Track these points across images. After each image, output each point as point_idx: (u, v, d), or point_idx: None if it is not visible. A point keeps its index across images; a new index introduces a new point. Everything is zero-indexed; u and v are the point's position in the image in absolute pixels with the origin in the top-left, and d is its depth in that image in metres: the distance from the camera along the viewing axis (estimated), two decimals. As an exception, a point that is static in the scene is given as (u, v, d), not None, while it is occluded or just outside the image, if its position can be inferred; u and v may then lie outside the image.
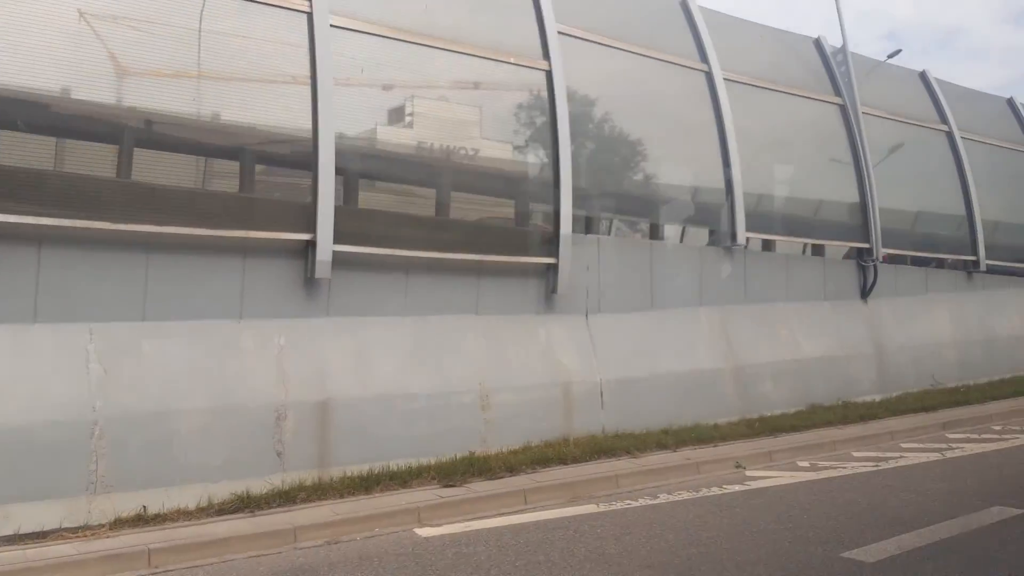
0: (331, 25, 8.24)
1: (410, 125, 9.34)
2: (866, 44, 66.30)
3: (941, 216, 14.86)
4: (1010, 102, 17.23)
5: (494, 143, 9.96)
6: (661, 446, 9.66)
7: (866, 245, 12.93)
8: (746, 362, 11.22)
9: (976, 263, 14.51)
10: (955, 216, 14.73)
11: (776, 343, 11.65)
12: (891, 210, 14.12)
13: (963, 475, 8.84)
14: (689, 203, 11.46)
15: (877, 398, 12.40)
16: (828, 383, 12.01)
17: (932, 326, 13.72)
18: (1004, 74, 59.42)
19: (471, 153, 9.68)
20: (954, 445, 10.53)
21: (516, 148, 10.05)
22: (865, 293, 12.92)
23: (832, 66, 13.45)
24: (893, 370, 12.92)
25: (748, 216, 11.47)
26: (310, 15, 8.11)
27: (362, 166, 8.85)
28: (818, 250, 13.18)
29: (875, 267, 12.93)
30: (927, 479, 8.70)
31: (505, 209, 10.41)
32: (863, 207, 12.94)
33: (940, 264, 14.72)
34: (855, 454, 10.13)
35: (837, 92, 13.33)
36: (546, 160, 9.84)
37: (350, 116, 8.41)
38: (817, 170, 12.94)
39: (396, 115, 9.23)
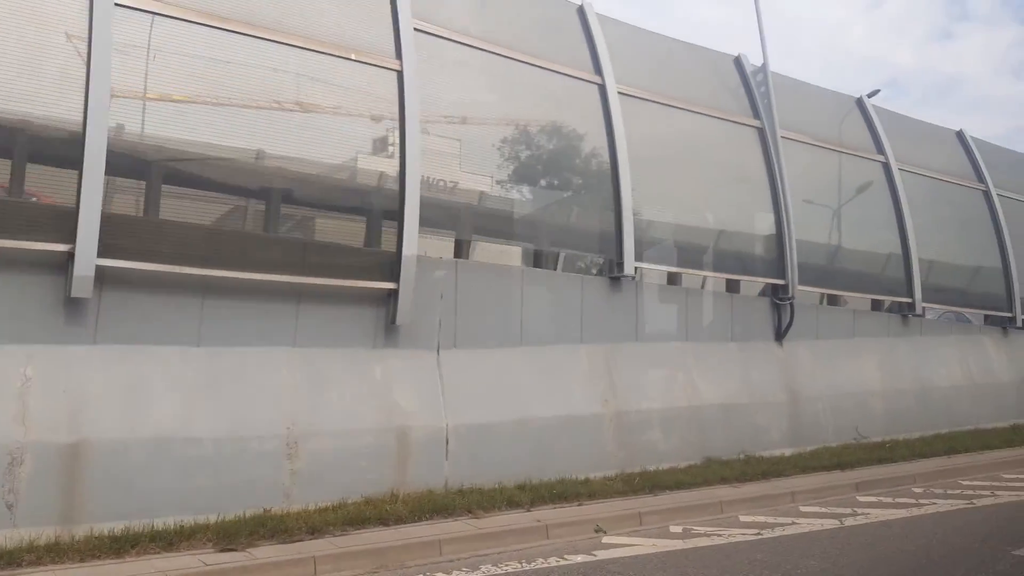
0: (115, 4, 7.12)
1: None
2: (868, 90, 66.44)
3: (873, 254, 13.78)
4: (959, 135, 16.27)
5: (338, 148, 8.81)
6: (513, 504, 8.42)
7: (781, 281, 11.81)
8: (632, 407, 10.02)
9: (911, 305, 13.41)
10: (890, 254, 13.64)
11: (670, 387, 10.46)
12: (817, 244, 13.08)
13: (852, 551, 7.61)
14: (574, 227, 10.34)
15: (787, 452, 11.19)
16: (730, 433, 10.81)
17: (858, 373, 12.56)
18: (1004, 124, 59.77)
19: (306, 160, 8.52)
20: (860, 510, 9.32)
21: (363, 156, 8.91)
22: (780, 334, 11.77)
23: (752, 86, 12.44)
24: (809, 420, 11.73)
25: (640, 244, 10.36)
26: (88, -7, 6.98)
27: (157, 169, 7.66)
28: (733, 286, 12.06)
29: (791, 306, 11.79)
30: (808, 555, 7.46)
31: (355, 227, 9.25)
32: (779, 239, 11.84)
33: (877, 306, 13.60)
34: (743, 518, 8.90)
35: (755, 114, 12.30)
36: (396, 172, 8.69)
37: (132, 107, 7.24)
38: (727, 198, 11.86)
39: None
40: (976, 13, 64.77)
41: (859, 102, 14.41)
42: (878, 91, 17.66)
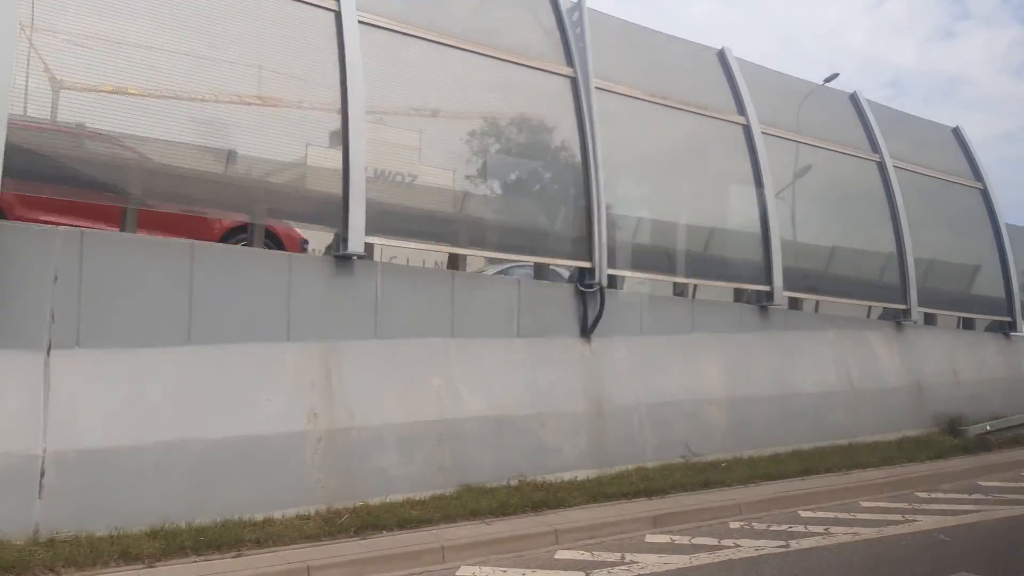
0: None
1: None
2: (870, 91, 66.60)
3: (730, 234, 11.70)
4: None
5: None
6: (130, 558, 6.31)
7: (587, 263, 9.70)
8: (357, 423, 7.90)
9: (770, 294, 11.32)
10: (747, 233, 11.57)
11: (418, 396, 8.34)
12: (660, 222, 11.01)
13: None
14: (285, 190, 8.22)
15: (584, 475, 9.10)
16: (504, 454, 8.72)
17: (695, 377, 10.47)
18: (1006, 124, 59.36)
19: None
20: (634, 556, 7.30)
21: None
22: (587, 329, 9.66)
23: (567, 29, 10.32)
24: (620, 435, 9.65)
25: (380, 214, 8.25)
26: None
27: None
28: (542, 272, 9.97)
29: (601, 294, 9.68)
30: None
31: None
32: (587, 211, 9.74)
33: (740, 296, 11.53)
34: (459, 572, 6.82)
35: (568, 61, 10.19)
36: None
37: None
38: (522, 159, 9.74)
39: None
40: (977, 13, 65.07)
41: (720, 54, 12.26)
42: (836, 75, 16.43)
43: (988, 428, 12.76)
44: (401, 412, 8.18)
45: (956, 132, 15.59)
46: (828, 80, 29.62)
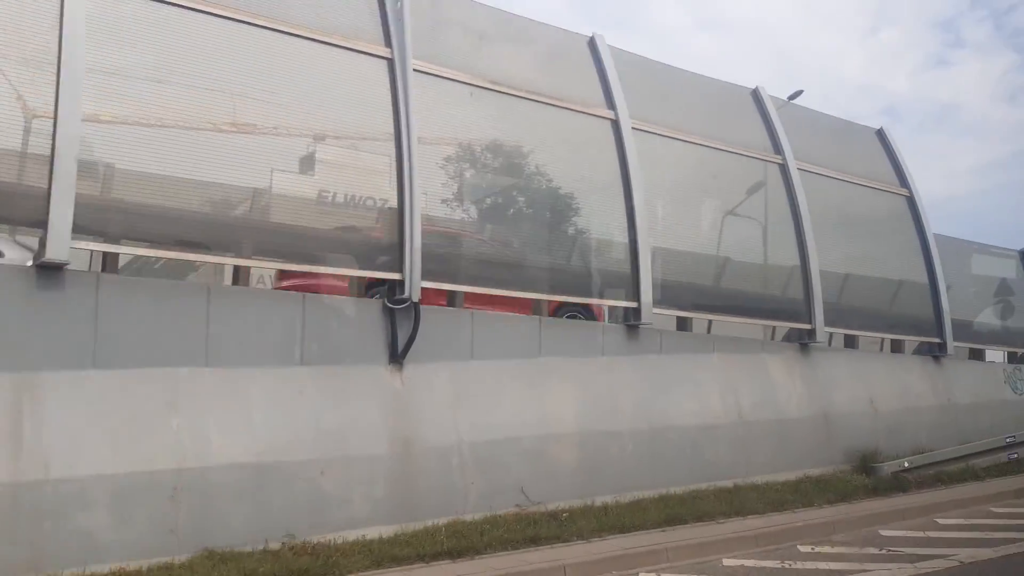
0: None
1: None
2: (865, 118, 69.03)
3: (591, 242, 10.20)
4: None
5: None
6: None
7: (396, 276, 8.17)
8: (53, 476, 6.31)
9: (636, 311, 9.79)
10: (611, 242, 10.09)
11: (148, 440, 6.75)
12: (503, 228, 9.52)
13: None
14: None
15: (378, 532, 7.52)
16: (266, 510, 7.12)
17: (538, 408, 8.90)
18: (1001, 150, 59.69)
19: None
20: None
21: None
22: (397, 354, 8.09)
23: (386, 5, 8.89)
24: (433, 482, 8.05)
25: (96, 211, 6.72)
26: None
27: None
28: (350, 287, 8.44)
29: (415, 311, 8.15)
30: None
31: None
32: (399, 212, 8.22)
33: (587, 314, 10.02)
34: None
35: (386, 40, 8.74)
36: None
37: None
38: (312, 151, 8.25)
39: None
40: (970, 40, 66.55)
41: (592, 42, 10.83)
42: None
43: (906, 465, 11.20)
44: (120, 461, 6.58)
45: (880, 134, 14.20)
46: (792, 97, 28.65)
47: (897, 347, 13.70)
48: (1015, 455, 12.50)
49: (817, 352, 11.64)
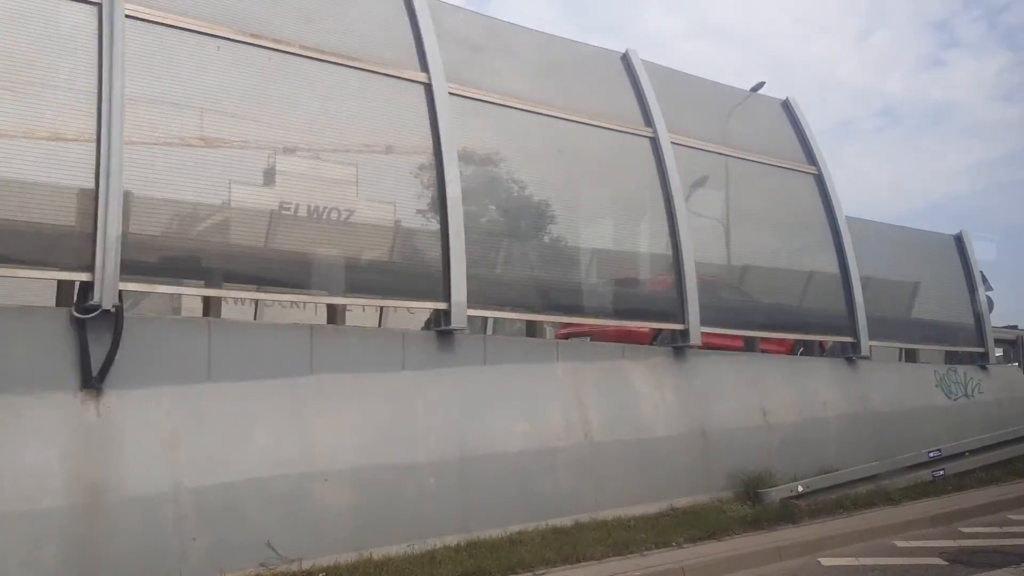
0: None
1: None
2: (861, 120, 68.87)
3: (411, 232, 8.47)
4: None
5: None
6: None
7: (84, 276, 6.41)
8: None
9: (447, 313, 8.02)
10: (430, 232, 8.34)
11: None
12: (285, 215, 7.80)
13: None
14: None
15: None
16: None
17: (300, 439, 7.13)
18: (999, 149, 59.07)
19: None
20: None
21: None
22: (92, 378, 6.33)
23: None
24: (134, 542, 6.26)
25: None
26: None
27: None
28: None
29: (117, 321, 6.39)
30: None
31: None
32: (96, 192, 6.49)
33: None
34: None
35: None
36: None
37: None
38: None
39: None
40: (965, 40, 66.52)
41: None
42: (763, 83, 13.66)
43: (800, 489, 9.42)
44: None
45: (787, 106, 12.50)
46: (755, 89, 27.17)
47: (811, 349, 11.98)
48: (941, 472, 10.72)
49: (696, 357, 9.88)
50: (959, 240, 13.51)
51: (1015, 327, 33.18)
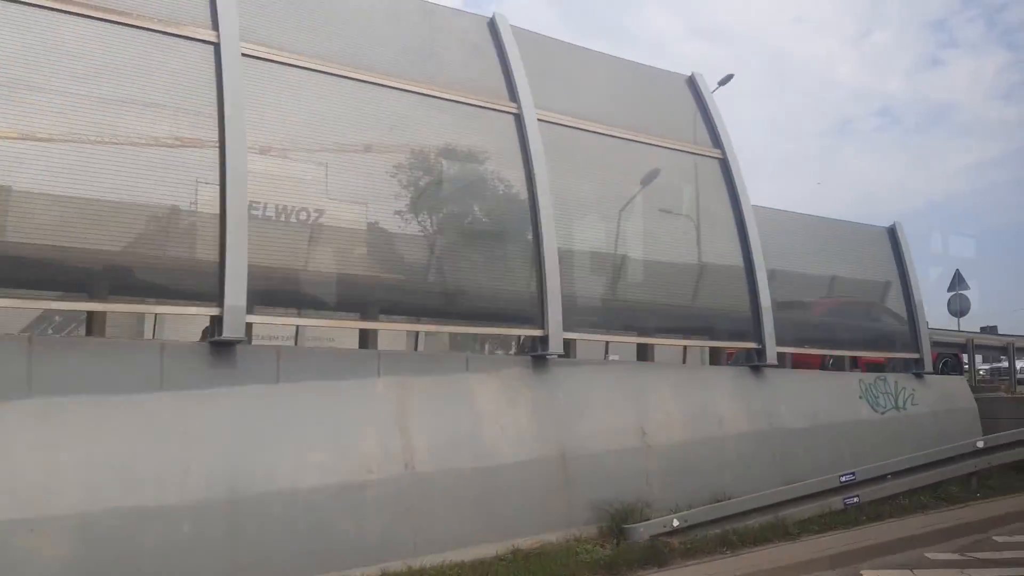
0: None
1: None
2: (860, 120, 68.75)
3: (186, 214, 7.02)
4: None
5: None
6: None
7: None
8: None
9: (219, 320, 6.59)
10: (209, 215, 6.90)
11: None
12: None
13: None
14: None
15: None
16: None
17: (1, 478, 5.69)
18: (999, 148, 58.68)
19: None
20: None
21: None
22: None
23: None
24: None
25: None
26: None
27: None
28: None
29: None
30: None
31: None
32: None
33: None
34: None
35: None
36: None
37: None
38: None
39: None
40: (963, 40, 66.78)
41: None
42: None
43: (676, 524, 8.01)
44: None
45: (691, 83, 11.11)
46: (723, 82, 25.66)
47: (717, 357, 10.60)
48: (855, 499, 9.31)
49: (560, 368, 8.47)
50: (892, 233, 12.12)
51: (995, 327, 31.84)
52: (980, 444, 10.52)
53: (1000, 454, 10.62)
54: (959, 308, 28.47)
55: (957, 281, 28.21)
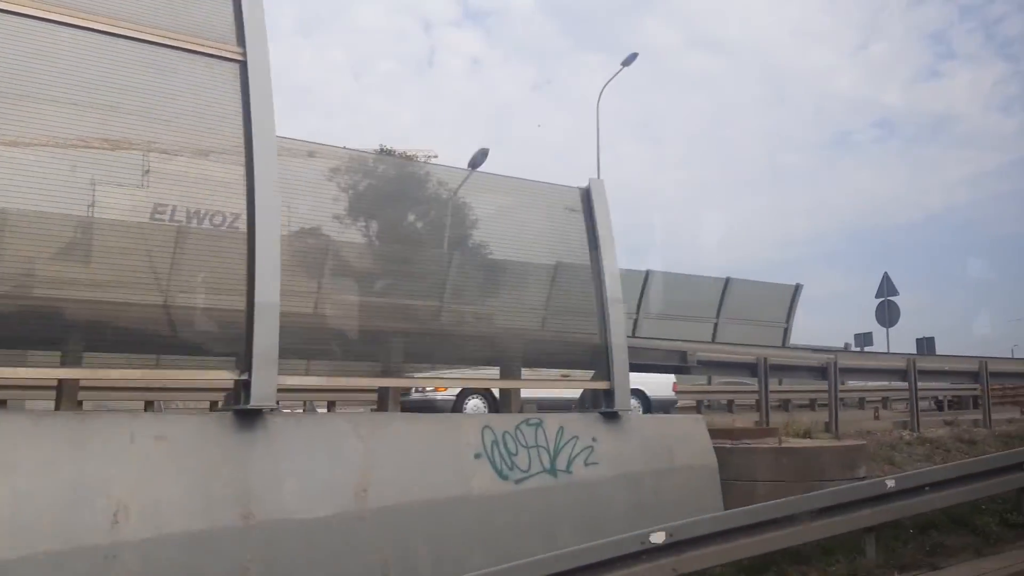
0: None
1: None
2: (859, 132, 64.35)
3: None
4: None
5: None
6: None
7: None
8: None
9: None
10: None
11: None
12: None
13: None
14: None
15: None
16: None
17: None
18: (998, 159, 56.64)
19: None
20: None
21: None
22: None
23: None
24: None
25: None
26: None
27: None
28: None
29: None
30: None
31: None
32: None
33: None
34: None
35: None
36: None
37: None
38: None
39: None
40: (961, 52, 65.62)
41: None
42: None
43: None
44: None
45: None
46: (627, 63, 23.71)
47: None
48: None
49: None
50: (587, 196, 7.89)
51: (932, 339, 27.32)
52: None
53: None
54: (887, 317, 24.14)
55: (885, 286, 23.91)
